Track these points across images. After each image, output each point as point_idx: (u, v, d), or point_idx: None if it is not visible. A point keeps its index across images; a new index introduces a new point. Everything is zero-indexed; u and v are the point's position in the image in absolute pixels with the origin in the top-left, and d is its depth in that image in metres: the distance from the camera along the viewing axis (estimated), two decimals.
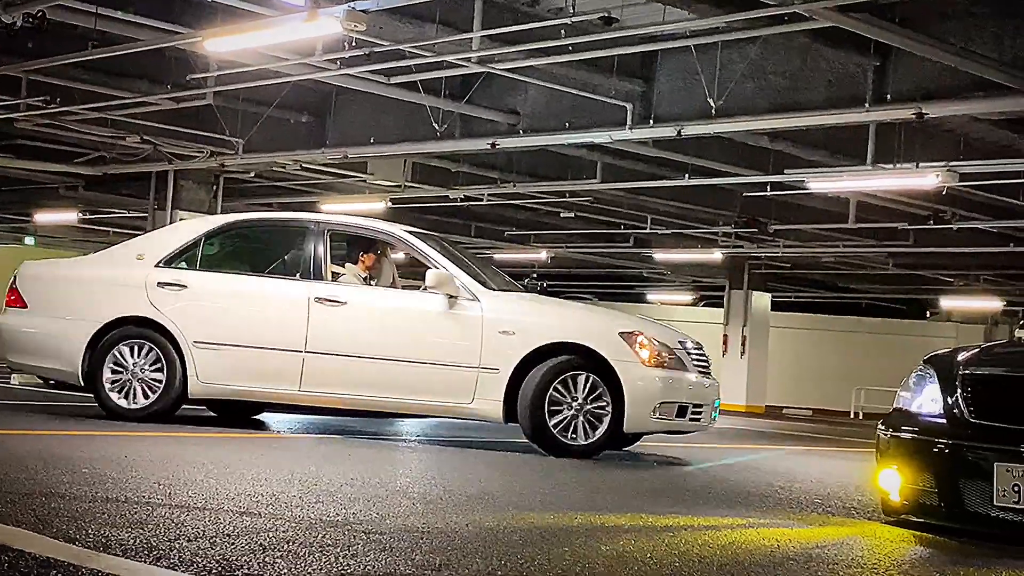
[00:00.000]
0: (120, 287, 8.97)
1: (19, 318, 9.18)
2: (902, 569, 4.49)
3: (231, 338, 8.75)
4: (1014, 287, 28.76)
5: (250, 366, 8.74)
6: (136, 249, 9.30)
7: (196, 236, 9.15)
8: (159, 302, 8.85)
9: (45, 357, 9.12)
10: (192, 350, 8.72)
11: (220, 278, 9.03)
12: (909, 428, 5.58)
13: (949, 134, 13.54)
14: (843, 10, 8.70)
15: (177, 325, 8.77)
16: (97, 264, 9.41)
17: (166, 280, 8.92)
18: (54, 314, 9.05)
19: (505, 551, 4.05)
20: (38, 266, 9.64)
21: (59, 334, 8.99)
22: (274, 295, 8.84)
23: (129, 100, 13.94)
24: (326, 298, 8.69)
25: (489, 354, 8.42)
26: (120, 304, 8.89)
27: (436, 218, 23.55)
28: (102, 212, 24.17)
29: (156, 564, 3.35)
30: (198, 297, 8.89)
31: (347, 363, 8.60)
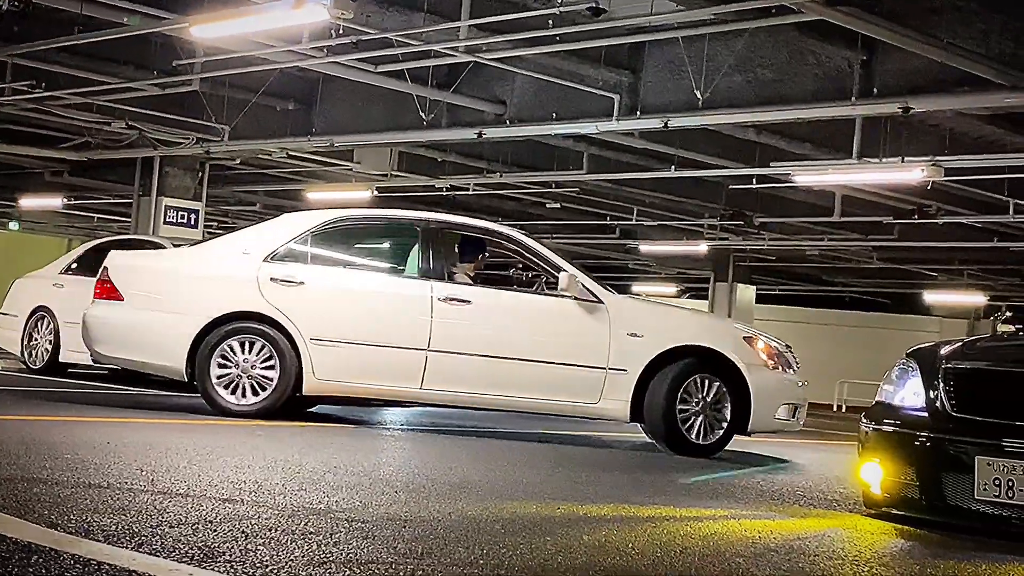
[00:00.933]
0: (229, 281, 8.72)
1: (115, 310, 8.84)
2: (883, 561, 4.51)
3: (350, 335, 8.64)
4: (997, 282, 28.89)
5: (370, 363, 8.67)
6: (240, 243, 9.02)
7: (303, 231, 8.95)
8: (273, 297, 8.64)
9: (144, 351, 8.83)
10: (309, 346, 8.56)
11: (338, 274, 8.92)
12: (891, 421, 5.61)
13: (935, 129, 13.58)
14: (830, 3, 8.72)
15: (293, 321, 8.58)
16: (199, 258, 9.09)
17: (280, 275, 8.70)
18: (156, 308, 8.77)
19: (487, 540, 4.05)
20: (132, 258, 9.33)
21: (162, 328, 8.71)
22: (396, 293, 8.81)
23: (115, 85, 13.88)
24: (451, 297, 8.72)
25: (617, 355, 8.59)
26: (230, 299, 8.64)
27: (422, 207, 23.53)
28: (87, 198, 24.08)
29: (138, 550, 3.35)
30: (316, 293, 8.73)
31: (472, 362, 8.64)
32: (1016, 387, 5.38)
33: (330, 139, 15.24)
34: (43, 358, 12.69)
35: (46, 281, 13.18)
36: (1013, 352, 5.95)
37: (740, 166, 15.34)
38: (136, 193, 18.32)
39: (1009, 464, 5.04)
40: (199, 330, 8.56)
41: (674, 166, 15.78)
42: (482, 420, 11.14)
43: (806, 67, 11.27)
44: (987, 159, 13.77)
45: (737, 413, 8.56)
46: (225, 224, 29.03)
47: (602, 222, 23.42)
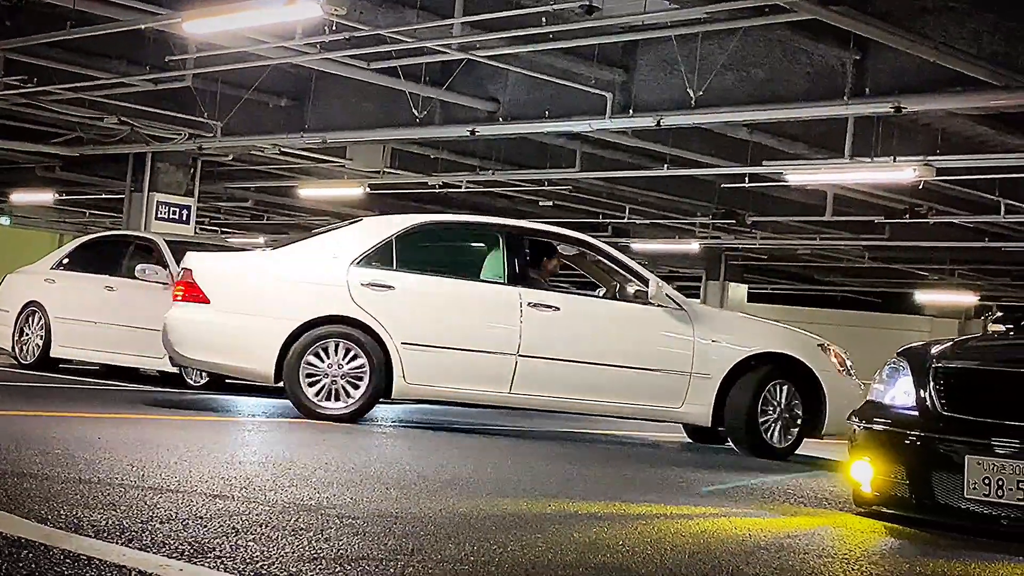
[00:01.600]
0: (318, 285, 8.69)
1: (201, 313, 8.70)
2: (872, 560, 4.52)
3: (441, 340, 8.72)
4: (988, 282, 28.95)
5: (459, 367, 8.76)
6: (326, 247, 8.94)
7: (388, 236, 8.95)
8: (365, 302, 8.64)
9: (230, 355, 8.73)
10: (400, 351, 8.61)
11: (428, 280, 8.94)
12: (882, 420, 5.62)
13: (927, 129, 13.60)
14: (823, 2, 8.73)
15: (384, 325, 8.60)
16: (287, 261, 8.96)
17: (371, 280, 8.71)
18: (245, 311, 8.68)
19: (478, 537, 4.06)
20: (218, 261, 9.18)
21: (251, 332, 8.64)
22: (486, 299, 8.92)
23: (107, 81, 13.85)
24: (540, 303, 8.86)
25: (701, 361, 8.91)
26: (320, 303, 8.61)
27: (415, 204, 23.50)
28: (78, 193, 24.03)
29: (128, 546, 3.35)
30: (406, 298, 8.76)
31: (560, 367, 8.82)
32: (1006, 387, 5.39)
33: (323, 136, 15.22)
34: (34, 353, 12.67)
35: (37, 276, 13.16)
36: (1003, 352, 5.97)
37: (732, 165, 15.36)
38: (128, 189, 18.27)
39: (999, 463, 5.05)
40: (290, 334, 8.51)
41: (667, 164, 15.79)
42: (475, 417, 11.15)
43: (799, 66, 11.28)
44: (979, 159, 13.79)
45: (814, 418, 9.06)
46: (217, 220, 29.01)
47: (595, 220, 23.42)
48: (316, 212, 25.50)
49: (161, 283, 11.78)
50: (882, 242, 21.86)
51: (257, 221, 28.19)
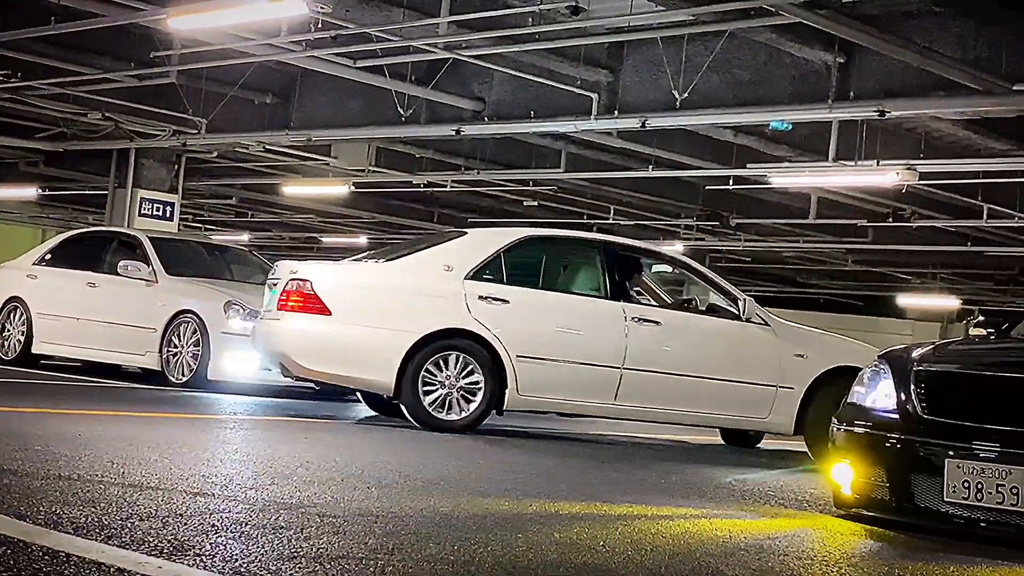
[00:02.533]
0: (436, 298, 8.84)
1: (323, 325, 8.71)
2: (852, 562, 4.54)
3: (552, 352, 8.98)
4: (970, 286, 29.06)
5: (568, 379, 9.04)
6: (441, 260, 9.08)
7: (497, 249, 9.17)
8: (481, 315, 8.84)
9: (351, 366, 8.78)
10: (514, 363, 8.81)
11: (539, 293, 9.27)
12: (862, 423, 5.64)
13: (910, 133, 13.65)
14: (808, 6, 8.75)
15: (500, 338, 8.81)
16: (404, 273, 9.03)
17: (487, 293, 8.91)
18: (366, 323, 8.76)
19: (459, 536, 4.06)
20: (334, 271, 9.20)
21: (373, 344, 8.71)
22: (593, 312, 9.23)
23: (91, 76, 13.80)
24: (643, 318, 9.27)
25: (786, 374, 9.46)
26: (439, 316, 8.78)
27: (399, 203, 23.50)
28: (61, 188, 23.93)
29: (107, 543, 3.34)
30: (520, 311, 8.98)
31: (661, 379, 9.24)
32: (987, 390, 5.41)
33: (307, 134, 15.19)
34: (15, 349, 12.62)
35: (19, 272, 13.11)
36: (984, 355, 5.99)
37: (717, 167, 15.38)
38: (111, 185, 18.20)
39: (979, 467, 5.07)
40: (411, 346, 8.63)
41: (652, 166, 15.80)
42: None
43: (784, 69, 11.31)
44: (962, 164, 13.84)
45: None
46: (200, 217, 28.93)
47: (579, 220, 23.43)
48: (300, 210, 25.45)
49: (144, 280, 11.75)
50: (865, 245, 21.92)
51: (241, 219, 28.12)
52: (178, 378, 11.17)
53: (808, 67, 11.13)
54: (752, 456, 9.71)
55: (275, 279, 9.12)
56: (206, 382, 10.94)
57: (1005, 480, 5.00)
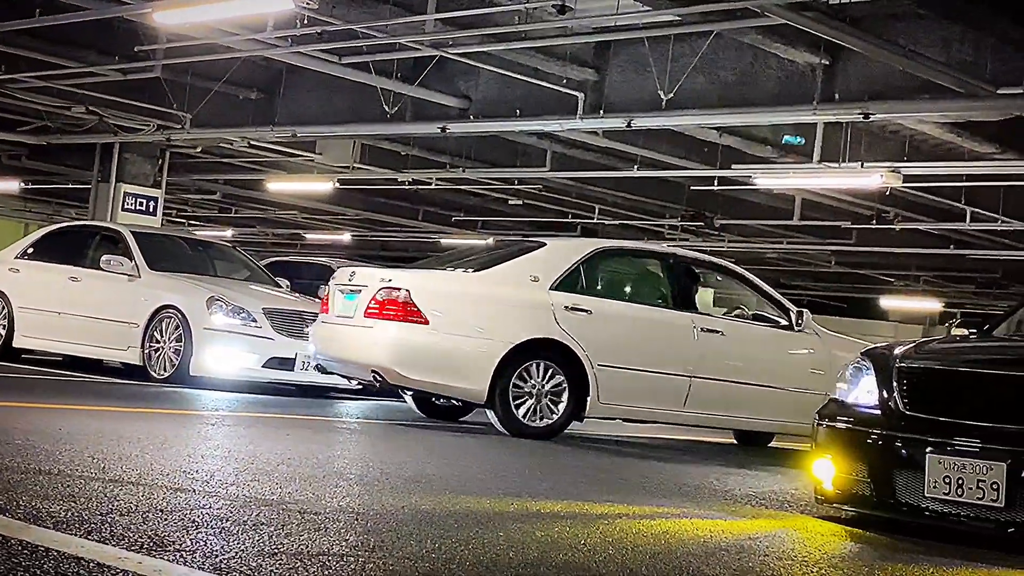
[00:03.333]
0: (525, 309, 9.07)
1: (421, 334, 8.82)
2: (832, 562, 4.55)
3: (629, 361, 9.27)
4: (953, 289, 29.18)
5: (643, 388, 9.36)
6: (527, 270, 9.28)
7: (576, 260, 9.43)
8: (567, 325, 9.06)
9: (448, 375, 8.92)
10: (595, 371, 9.08)
11: (618, 304, 9.62)
12: (844, 419, 5.67)
13: (895, 135, 13.69)
14: (794, 8, 8.76)
15: (584, 347, 9.06)
16: (494, 283, 9.20)
17: (571, 304, 9.16)
18: (462, 332, 8.92)
19: (440, 534, 4.06)
20: (431, 281, 9.28)
21: (469, 353, 8.89)
22: (665, 323, 9.60)
23: (76, 70, 13.74)
24: (710, 328, 9.68)
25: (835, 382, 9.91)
26: (530, 325, 9.00)
27: (384, 201, 23.47)
28: (45, 182, 23.84)
29: (87, 538, 3.33)
30: (601, 322, 9.24)
31: (725, 387, 9.63)
32: (968, 387, 5.45)
33: (292, 130, 15.16)
34: None
35: (1, 266, 13.04)
36: (965, 352, 6.03)
37: (702, 167, 15.39)
38: (95, 179, 18.13)
39: (959, 462, 5.10)
40: (504, 355, 8.83)
41: (637, 166, 15.82)
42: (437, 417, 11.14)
43: (769, 70, 11.33)
44: (945, 167, 13.89)
45: None
46: (184, 213, 28.85)
47: (564, 220, 23.45)
48: (285, 206, 25.41)
49: (127, 274, 11.70)
50: (849, 247, 21.98)
51: (225, 214, 28.06)
52: (160, 373, 11.14)
53: (793, 69, 11.16)
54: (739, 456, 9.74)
55: (355, 285, 9.22)
56: (188, 378, 10.91)
57: (986, 476, 5.03)
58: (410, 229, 26.69)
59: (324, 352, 9.56)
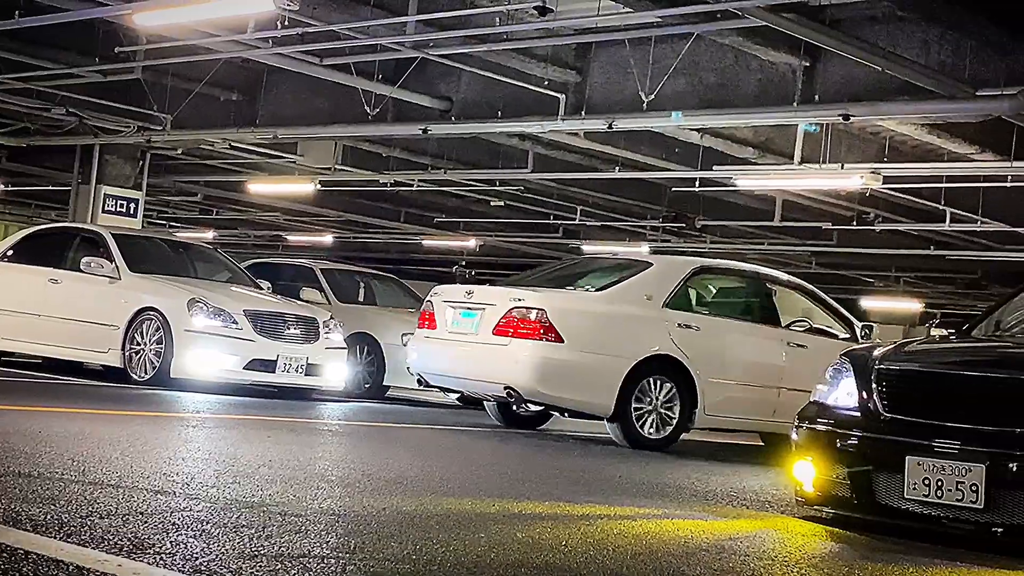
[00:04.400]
0: (645, 326, 9.59)
1: (558, 352, 9.26)
2: (812, 562, 4.57)
3: (730, 375, 9.82)
4: (933, 289, 29.28)
5: (743, 399, 9.94)
6: (642, 289, 9.78)
7: (680, 279, 9.96)
8: (680, 341, 9.61)
9: (579, 390, 9.37)
10: (705, 386, 9.62)
11: (720, 320, 10.17)
12: (824, 420, 5.69)
13: (875, 137, 13.73)
14: (774, 9, 8.78)
15: (694, 363, 9.61)
16: (616, 302, 9.69)
17: (682, 321, 9.70)
18: (591, 350, 9.36)
19: (421, 535, 4.05)
20: (564, 301, 9.66)
21: (598, 369, 9.33)
22: (760, 338, 10.17)
23: (56, 71, 13.68)
24: (796, 343, 10.28)
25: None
26: (649, 342, 9.50)
27: (366, 202, 23.44)
28: (24, 184, 23.73)
29: (66, 540, 3.32)
30: (707, 337, 9.80)
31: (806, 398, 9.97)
32: (947, 389, 5.47)
33: (273, 131, 15.12)
34: None
35: None
36: (945, 355, 6.05)
37: (683, 168, 15.41)
38: (75, 181, 18.04)
39: (939, 464, 5.12)
40: (629, 370, 9.31)
41: (618, 167, 15.83)
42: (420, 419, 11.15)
43: (750, 72, 11.35)
44: (925, 167, 13.94)
45: None
46: (165, 214, 28.75)
47: (545, 221, 23.46)
48: (266, 208, 25.35)
49: (107, 276, 11.66)
50: (829, 248, 22.04)
51: (206, 216, 27.97)
52: (141, 376, 11.10)
53: (774, 70, 11.19)
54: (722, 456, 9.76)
55: (475, 303, 9.71)
56: (169, 380, 10.88)
57: (965, 477, 5.05)
58: (392, 230, 26.66)
59: (431, 367, 10.05)
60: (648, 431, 9.43)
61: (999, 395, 5.29)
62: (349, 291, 14.94)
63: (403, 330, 13.40)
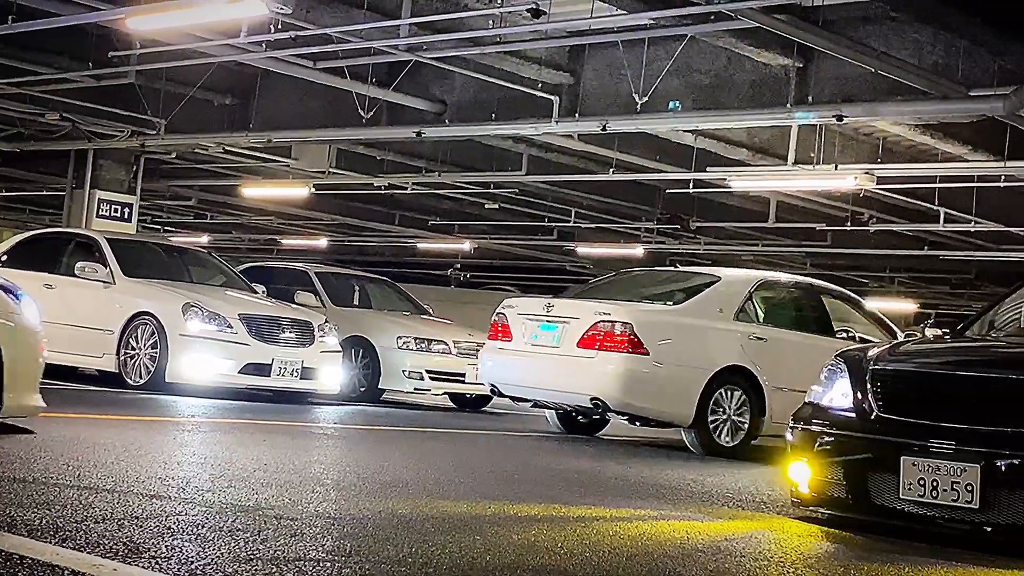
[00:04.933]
0: (720, 339, 9.97)
1: (643, 364, 9.61)
2: (808, 563, 4.57)
3: (794, 384, 9.64)
4: (927, 290, 29.32)
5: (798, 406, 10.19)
6: (715, 303, 10.16)
7: (747, 292, 10.34)
8: (750, 352, 10.00)
9: (661, 401, 9.74)
10: (771, 395, 9.94)
11: (782, 332, 10.39)
12: (819, 422, 5.69)
13: (868, 138, 13.76)
14: (767, 11, 8.79)
15: (763, 373, 9.97)
16: (692, 316, 10.06)
17: (751, 333, 10.05)
18: (674, 362, 9.73)
19: (417, 538, 4.05)
20: (648, 315, 10.00)
21: (680, 380, 9.71)
22: (819, 348, 9.89)
23: (49, 76, 13.67)
24: None
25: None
26: (724, 354, 9.88)
27: (360, 205, 23.43)
28: (18, 189, 23.71)
29: (62, 545, 3.31)
30: (773, 348, 10.13)
31: None
32: (942, 389, 5.48)
33: (267, 135, 15.11)
34: None
35: None
36: (938, 354, 6.06)
37: (677, 170, 15.43)
38: (69, 186, 18.01)
39: (933, 464, 5.13)
40: (708, 381, 9.69)
41: (612, 169, 15.84)
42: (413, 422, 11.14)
43: (743, 73, 11.37)
44: (918, 168, 13.96)
45: None
46: (159, 219, 28.73)
47: (540, 223, 23.47)
48: (261, 212, 25.34)
49: (101, 281, 11.65)
50: (824, 249, 22.07)
51: (201, 220, 27.95)
52: (136, 380, 11.09)
53: (767, 72, 11.20)
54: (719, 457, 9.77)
55: (556, 317, 10.05)
56: (164, 384, 10.86)
57: (960, 478, 5.05)
58: (387, 233, 26.65)
59: (507, 377, 10.36)
60: (724, 439, 9.77)
61: (994, 395, 5.30)
62: (344, 295, 14.93)
63: (398, 333, 13.42)
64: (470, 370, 13.39)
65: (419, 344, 13.38)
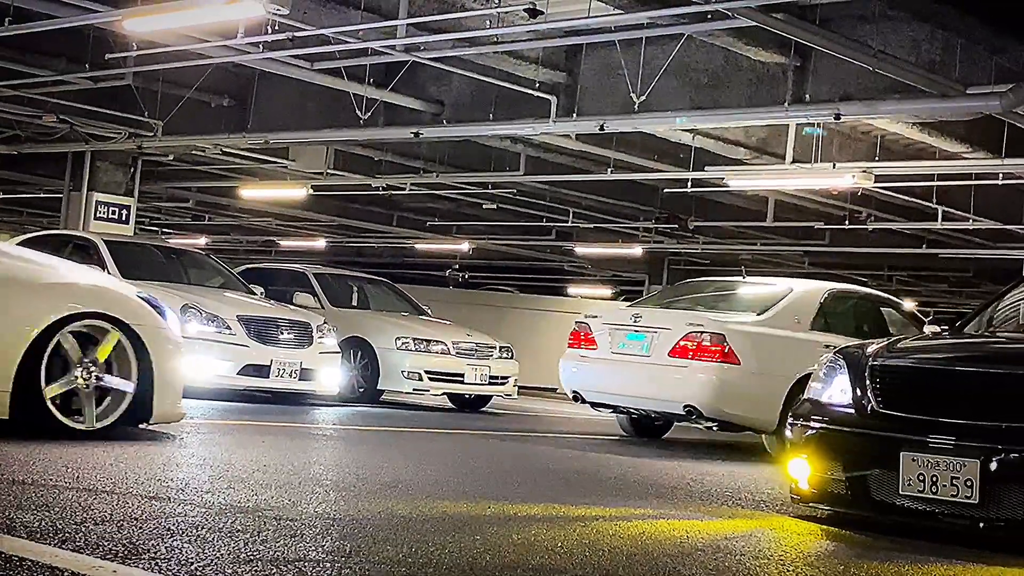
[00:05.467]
0: (798, 348, 10.22)
1: (734, 373, 10.03)
2: (808, 561, 4.57)
3: None
4: (926, 288, 29.32)
5: None
6: (793, 313, 10.67)
7: (817, 303, 10.84)
8: None
9: (750, 408, 10.12)
10: None
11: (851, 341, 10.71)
12: (819, 418, 5.69)
13: (865, 136, 13.76)
14: (764, 10, 8.79)
15: None
16: (774, 326, 10.49)
17: (825, 342, 10.11)
18: (760, 371, 10.12)
19: (416, 539, 4.05)
20: (736, 326, 10.34)
21: (765, 389, 10.05)
22: None
23: (46, 78, 13.65)
24: None
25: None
26: (803, 363, 9.76)
27: (358, 206, 23.42)
28: (15, 191, 23.69)
29: (61, 547, 3.31)
30: None
31: None
32: (941, 384, 5.48)
33: (265, 136, 15.10)
34: None
35: None
36: (938, 350, 6.07)
37: (675, 170, 15.42)
38: (66, 188, 18.00)
39: (933, 460, 5.13)
40: (790, 388, 9.90)
41: (610, 169, 15.84)
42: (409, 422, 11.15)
43: (740, 72, 11.36)
44: (916, 166, 13.96)
45: None
46: (157, 221, 28.72)
47: (538, 223, 23.47)
48: (259, 213, 25.33)
49: None
50: (822, 248, 22.07)
51: (198, 222, 27.94)
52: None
53: (764, 71, 11.20)
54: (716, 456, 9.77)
55: (645, 326, 10.42)
56: None
57: (959, 473, 5.06)
58: (385, 235, 26.64)
59: (592, 384, 10.64)
60: None
61: (993, 390, 5.30)
62: (342, 295, 14.93)
63: (396, 334, 13.42)
64: (469, 370, 13.40)
65: (418, 345, 13.39)
